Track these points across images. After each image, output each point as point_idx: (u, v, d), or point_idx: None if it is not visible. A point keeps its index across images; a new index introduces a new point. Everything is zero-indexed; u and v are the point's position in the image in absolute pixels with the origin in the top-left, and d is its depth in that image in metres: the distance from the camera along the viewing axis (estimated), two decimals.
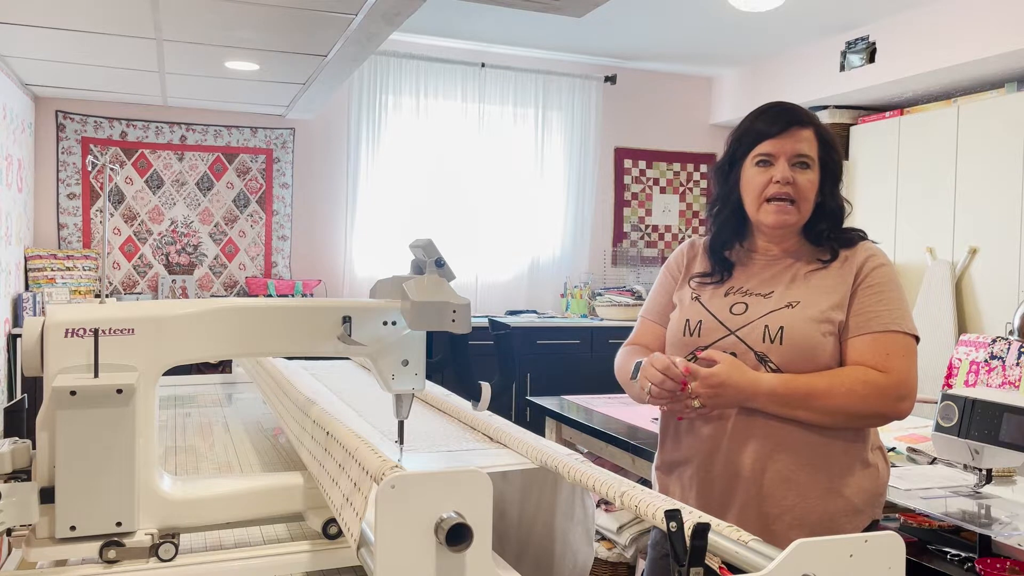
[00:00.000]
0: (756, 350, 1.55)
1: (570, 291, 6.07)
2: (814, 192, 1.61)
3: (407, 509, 0.89)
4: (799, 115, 1.62)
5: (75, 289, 5.00)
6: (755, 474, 1.55)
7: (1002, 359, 3.13)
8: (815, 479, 1.53)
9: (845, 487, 1.54)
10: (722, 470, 1.58)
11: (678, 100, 6.51)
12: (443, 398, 1.68)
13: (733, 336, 1.58)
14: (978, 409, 1.99)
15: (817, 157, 1.61)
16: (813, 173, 1.60)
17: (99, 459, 1.06)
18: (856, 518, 1.55)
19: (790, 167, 1.58)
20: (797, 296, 1.58)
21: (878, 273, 1.58)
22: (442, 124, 5.83)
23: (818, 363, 1.53)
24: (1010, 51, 4.19)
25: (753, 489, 1.55)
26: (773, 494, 1.54)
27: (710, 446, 1.60)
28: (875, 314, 1.54)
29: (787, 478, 1.53)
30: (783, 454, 1.54)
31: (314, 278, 5.62)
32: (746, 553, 0.85)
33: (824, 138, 1.63)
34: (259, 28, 3.49)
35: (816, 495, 1.53)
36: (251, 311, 1.20)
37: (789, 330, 1.54)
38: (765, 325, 1.55)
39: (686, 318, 1.65)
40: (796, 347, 1.53)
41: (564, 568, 1.35)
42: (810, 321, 1.54)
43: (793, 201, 1.59)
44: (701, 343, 1.60)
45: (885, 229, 5.18)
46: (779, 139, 1.59)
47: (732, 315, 1.60)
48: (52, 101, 5.19)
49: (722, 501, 1.58)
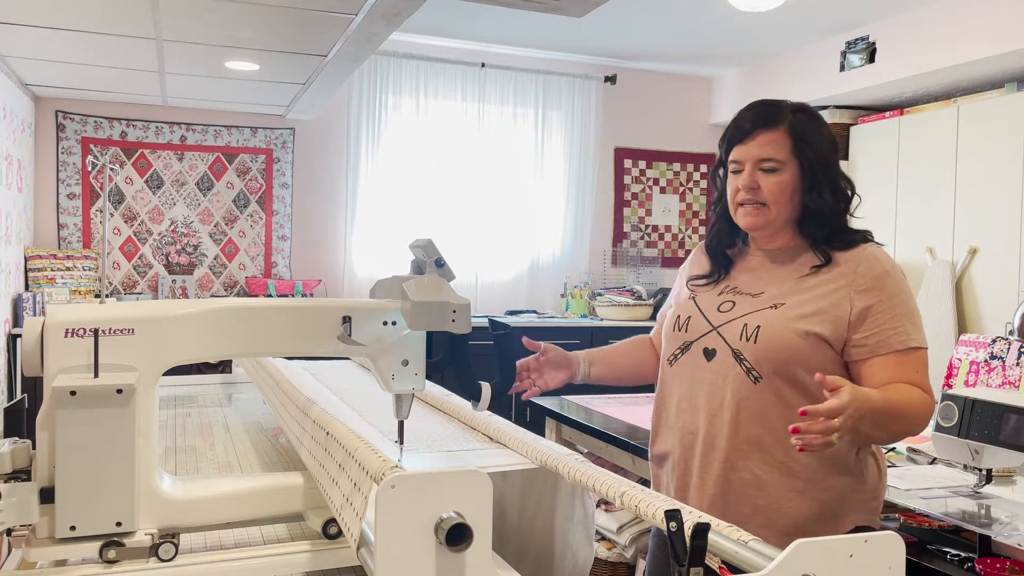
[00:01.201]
0: (732, 347, 1.57)
1: (570, 291, 6.07)
2: (785, 193, 1.57)
3: (407, 509, 0.89)
4: (768, 117, 1.59)
5: (75, 289, 5.00)
6: (726, 471, 1.55)
7: (1002, 359, 3.14)
8: (786, 481, 1.52)
9: (820, 491, 1.52)
10: (697, 466, 1.60)
11: (678, 100, 6.51)
12: (443, 398, 1.68)
13: (714, 332, 1.60)
14: (978, 409, 1.99)
15: (791, 156, 1.57)
16: (784, 174, 1.57)
17: (99, 459, 1.06)
18: (834, 523, 1.53)
19: (759, 172, 1.57)
20: (784, 297, 1.57)
21: (887, 284, 1.53)
22: (442, 124, 5.83)
23: (790, 366, 1.52)
24: (1010, 51, 4.18)
25: (724, 487, 1.56)
26: (744, 493, 1.54)
27: (690, 440, 1.62)
28: (893, 330, 1.50)
29: (758, 478, 1.53)
30: (756, 454, 1.54)
31: (314, 278, 5.62)
32: (746, 553, 0.85)
33: (799, 135, 1.57)
34: (259, 28, 3.49)
35: (787, 497, 1.52)
36: (251, 311, 1.20)
37: (765, 329, 1.54)
38: (744, 323, 1.56)
39: (678, 314, 1.69)
40: (770, 347, 1.52)
41: (564, 568, 1.35)
42: (789, 323, 1.53)
43: (764, 204, 1.58)
44: (688, 338, 1.64)
45: (885, 229, 5.17)
46: (745, 144, 1.59)
47: (719, 312, 1.62)
48: (52, 101, 5.19)
49: (697, 495, 1.59)
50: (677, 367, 1.66)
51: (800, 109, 1.62)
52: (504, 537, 1.36)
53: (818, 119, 1.63)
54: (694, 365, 1.62)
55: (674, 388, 1.66)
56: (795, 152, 1.57)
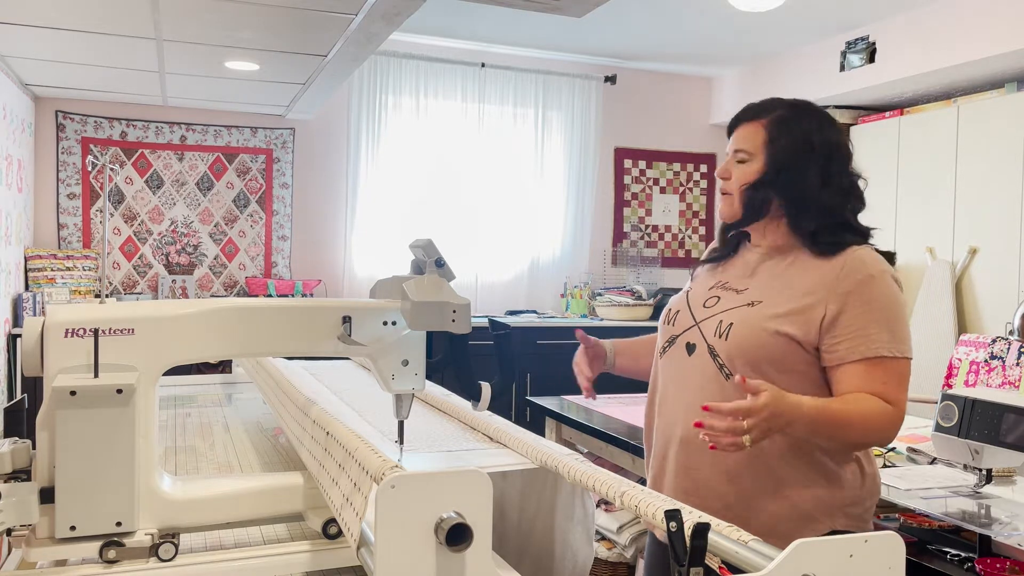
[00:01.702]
0: (708, 343, 1.58)
1: (570, 291, 6.07)
2: (741, 184, 1.59)
3: (407, 509, 0.89)
4: (753, 111, 1.63)
5: (75, 289, 5.00)
6: (699, 466, 1.56)
7: (1002, 359, 3.14)
8: (758, 481, 1.51)
9: (792, 492, 1.51)
10: (672, 459, 1.61)
11: (678, 100, 6.51)
12: (443, 398, 1.68)
13: (696, 327, 1.62)
14: (978, 409, 1.99)
15: (760, 149, 1.58)
16: (751, 165, 1.59)
17: (99, 459, 1.06)
18: (808, 525, 1.50)
19: (732, 163, 1.62)
20: (764, 295, 1.56)
21: (867, 288, 1.48)
22: (442, 124, 5.83)
23: (760, 364, 1.50)
24: (1010, 51, 4.18)
25: (696, 482, 1.56)
26: (716, 489, 1.54)
27: (668, 433, 1.63)
28: (864, 337, 1.46)
29: (730, 475, 1.53)
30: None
31: (314, 278, 5.62)
32: (746, 553, 0.85)
33: (773, 128, 1.58)
34: (259, 28, 3.49)
35: (758, 497, 1.52)
36: (251, 311, 1.20)
37: (737, 327, 1.54)
38: (720, 320, 1.58)
39: (670, 307, 1.73)
40: (738, 345, 1.53)
41: (564, 568, 1.35)
42: (760, 321, 1.52)
43: (730, 193, 1.62)
44: (674, 332, 1.66)
45: (885, 229, 5.14)
46: (731, 137, 1.65)
47: (704, 308, 1.64)
48: (52, 101, 5.19)
49: (670, 489, 1.60)
50: (665, 360, 1.68)
51: (793, 105, 1.62)
52: (504, 537, 1.36)
53: (807, 116, 1.60)
54: (678, 359, 1.64)
55: (661, 380, 1.69)
56: (765, 144, 1.58)
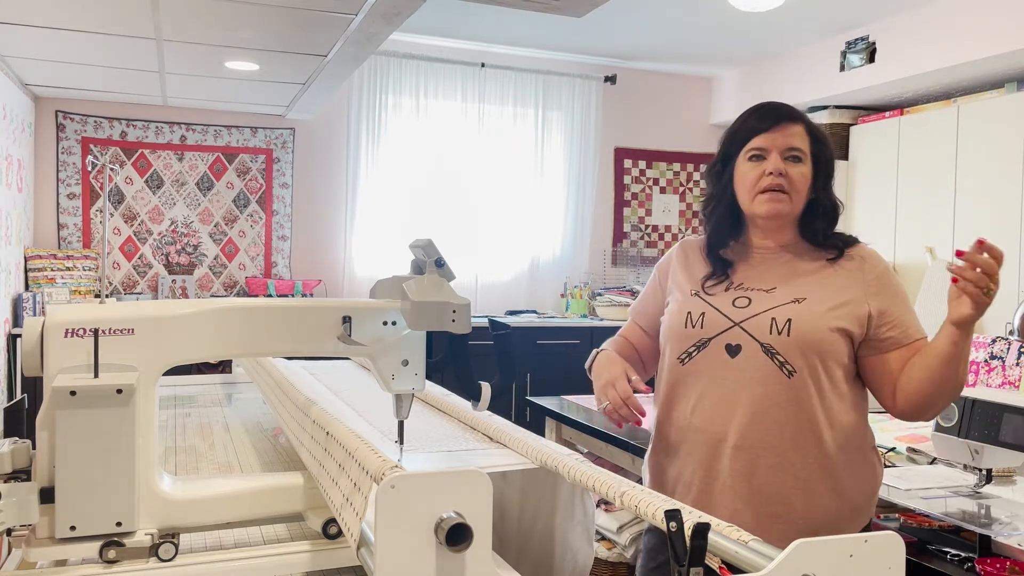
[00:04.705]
0: (762, 342, 1.55)
1: (570, 291, 6.07)
2: (806, 185, 1.62)
3: (407, 509, 0.89)
4: (789, 111, 1.64)
5: (75, 289, 5.00)
6: (759, 470, 1.54)
7: (1002, 359, 3.14)
8: (821, 478, 1.54)
9: (849, 487, 1.56)
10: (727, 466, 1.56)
11: (678, 100, 6.51)
12: (443, 398, 1.68)
13: (737, 328, 1.58)
14: (978, 409, 1.99)
15: (809, 152, 1.62)
16: (805, 167, 1.61)
17: (99, 459, 1.06)
18: (856, 519, 1.57)
19: (783, 160, 1.59)
20: (803, 292, 1.58)
21: (891, 280, 1.62)
22: (442, 124, 5.83)
23: (823, 358, 1.54)
24: (1010, 51, 4.18)
25: (757, 486, 1.55)
26: (779, 492, 1.54)
27: (715, 440, 1.58)
28: (906, 323, 1.59)
29: (795, 476, 1.54)
30: (792, 450, 1.54)
31: (314, 278, 5.62)
32: (746, 553, 0.85)
33: (815, 135, 1.64)
34: (259, 28, 3.49)
35: (820, 495, 1.54)
36: (251, 311, 1.20)
37: (797, 323, 1.54)
38: (772, 318, 1.55)
39: (687, 311, 1.64)
40: (804, 340, 1.53)
41: (564, 568, 1.35)
42: (819, 316, 1.54)
43: (787, 192, 1.60)
44: (704, 335, 1.60)
45: (885, 229, 5.18)
46: (771, 133, 1.61)
47: (735, 308, 1.60)
48: (52, 101, 5.18)
49: (729, 496, 1.56)
50: (692, 365, 1.61)
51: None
52: (504, 537, 1.36)
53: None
54: (716, 361, 1.59)
55: (689, 387, 1.62)
56: (813, 148, 1.63)
